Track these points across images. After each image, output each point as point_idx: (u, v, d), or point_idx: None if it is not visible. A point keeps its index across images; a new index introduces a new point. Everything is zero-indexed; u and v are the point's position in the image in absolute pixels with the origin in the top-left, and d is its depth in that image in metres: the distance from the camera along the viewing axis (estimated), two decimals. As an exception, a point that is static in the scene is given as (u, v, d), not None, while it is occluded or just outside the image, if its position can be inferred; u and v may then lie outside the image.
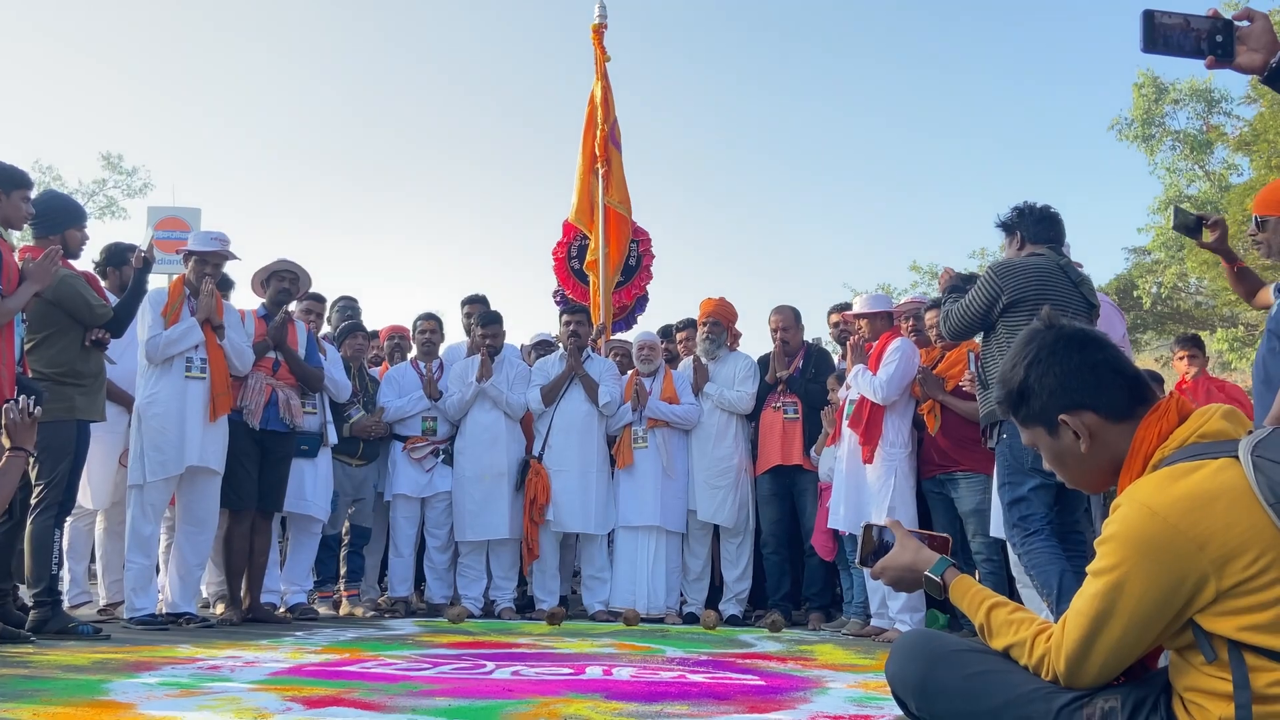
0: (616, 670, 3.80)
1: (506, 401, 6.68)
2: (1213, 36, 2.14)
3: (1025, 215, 4.38)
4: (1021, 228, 4.37)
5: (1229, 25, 2.14)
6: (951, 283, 4.79)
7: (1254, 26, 2.14)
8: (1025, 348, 1.90)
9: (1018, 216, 4.39)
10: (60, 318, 4.92)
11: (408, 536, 6.71)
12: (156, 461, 5.22)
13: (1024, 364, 1.88)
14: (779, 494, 6.61)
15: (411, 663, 3.91)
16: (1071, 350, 1.85)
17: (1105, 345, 1.88)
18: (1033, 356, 1.88)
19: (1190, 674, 1.68)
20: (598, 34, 8.66)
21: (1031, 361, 1.87)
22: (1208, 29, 2.14)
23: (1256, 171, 16.85)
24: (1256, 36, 2.13)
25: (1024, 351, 1.90)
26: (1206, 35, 2.14)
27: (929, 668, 1.93)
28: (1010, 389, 1.91)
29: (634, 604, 6.52)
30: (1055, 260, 4.27)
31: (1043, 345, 1.88)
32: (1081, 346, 1.86)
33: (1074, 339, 1.87)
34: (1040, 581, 3.82)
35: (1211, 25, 2.14)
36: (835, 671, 3.99)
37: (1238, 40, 2.14)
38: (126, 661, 3.74)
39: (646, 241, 8.73)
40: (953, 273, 4.90)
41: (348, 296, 7.49)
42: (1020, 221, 4.37)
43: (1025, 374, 1.87)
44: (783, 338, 6.72)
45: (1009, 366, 1.92)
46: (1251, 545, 1.60)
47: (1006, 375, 1.92)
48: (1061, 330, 1.89)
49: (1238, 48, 2.14)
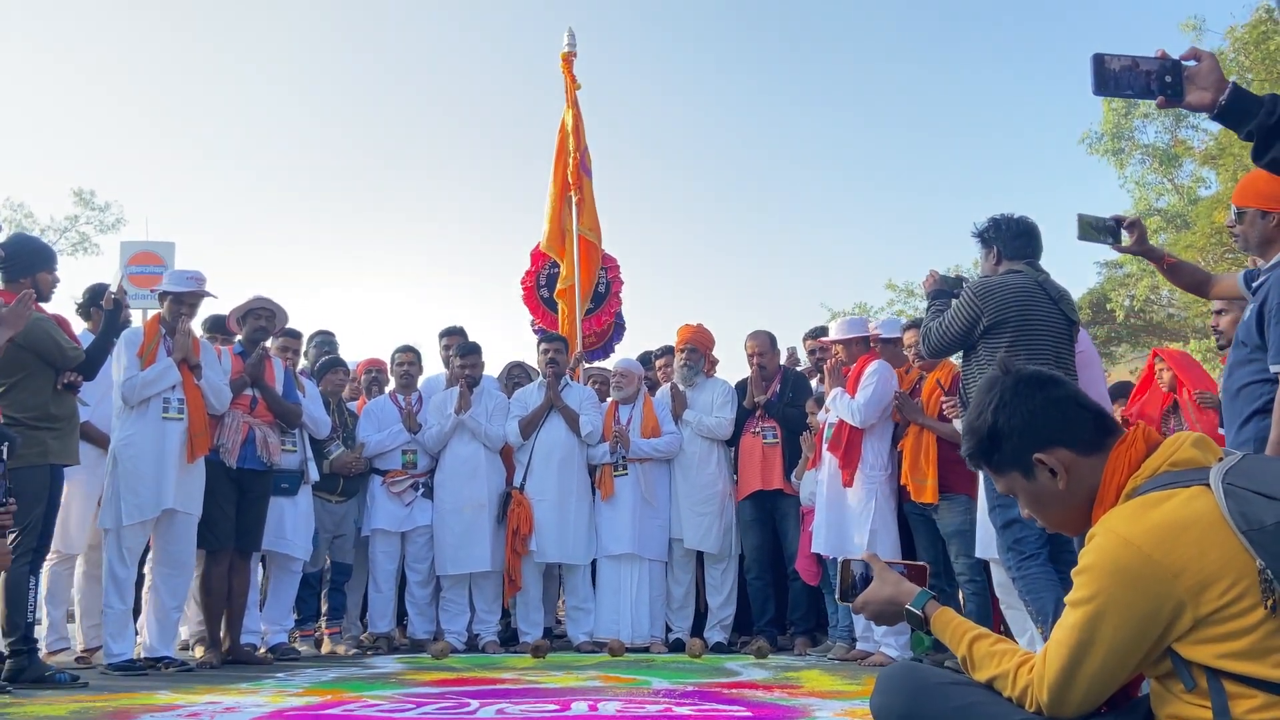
0: (602, 705, 3.78)
1: (485, 433, 6.66)
2: (1162, 77, 2.19)
3: (1002, 228, 4.32)
4: (998, 242, 4.32)
5: (1177, 66, 2.19)
6: (937, 286, 4.69)
7: (1201, 66, 2.19)
8: (988, 394, 1.91)
9: (994, 230, 4.34)
10: (31, 361, 4.86)
11: (387, 572, 6.66)
12: (133, 505, 5.15)
13: (990, 410, 1.89)
14: (760, 519, 6.61)
15: (395, 703, 3.87)
16: (1034, 390, 1.87)
17: (1064, 382, 1.90)
18: (997, 401, 1.89)
19: (1171, 702, 1.69)
20: (567, 62, 8.71)
21: (997, 406, 1.88)
22: (1157, 69, 2.19)
23: (1224, 184, 17.10)
24: (1204, 75, 2.18)
25: (987, 399, 1.91)
26: (1156, 76, 2.19)
27: (913, 701, 1.92)
28: (980, 436, 1.91)
29: (619, 634, 6.49)
30: (1034, 277, 4.22)
31: (1005, 389, 1.89)
32: (1042, 385, 1.88)
33: (1034, 380, 1.89)
34: (1035, 608, 3.78)
35: (1160, 66, 2.19)
36: (822, 699, 3.98)
37: (1186, 80, 2.19)
38: (105, 711, 3.68)
39: (615, 268, 8.72)
40: (938, 275, 4.77)
41: (324, 331, 7.46)
42: (997, 235, 4.32)
43: (993, 418, 1.88)
44: (759, 362, 6.74)
45: (974, 416, 1.92)
46: (1226, 573, 1.61)
47: (974, 424, 1.92)
48: (1020, 373, 1.91)
49: (1187, 87, 2.19)
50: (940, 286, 4.67)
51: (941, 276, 4.77)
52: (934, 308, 4.54)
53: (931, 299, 4.64)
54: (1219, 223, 15.19)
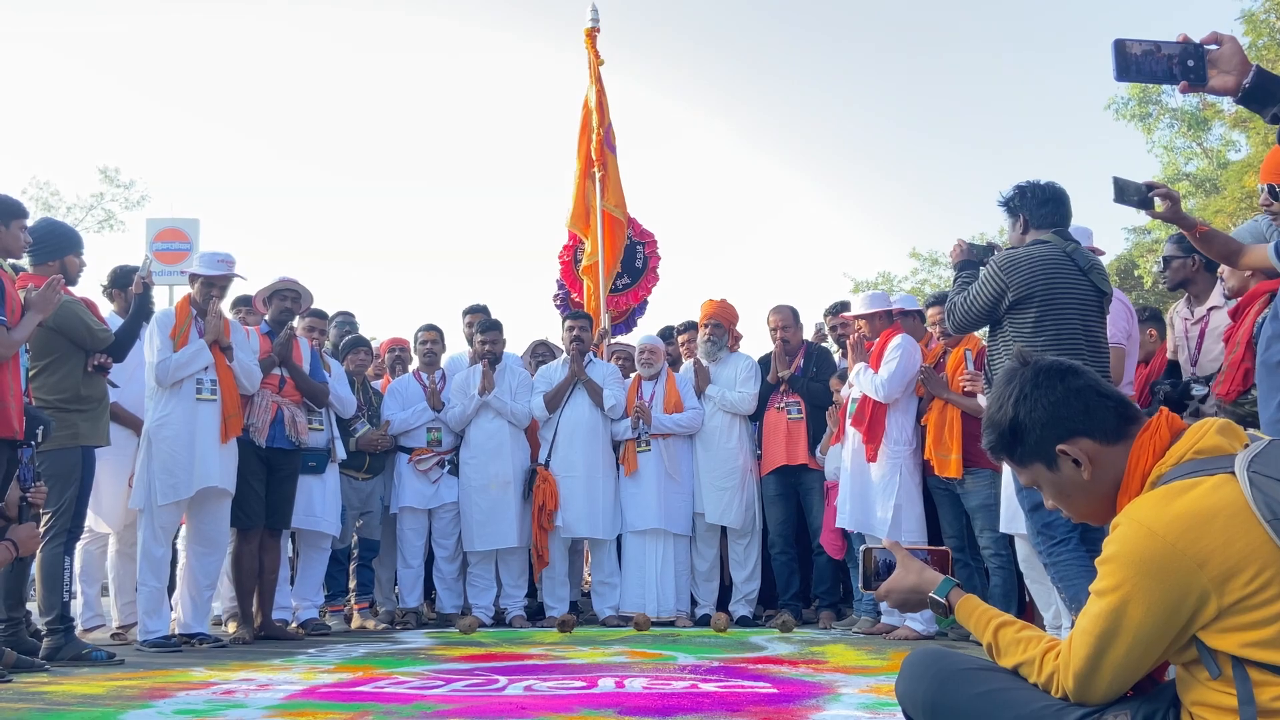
0: (629, 681, 3.82)
1: (510, 411, 6.70)
2: (1184, 61, 2.18)
3: (1028, 196, 4.11)
4: (1025, 210, 4.11)
5: (1199, 50, 2.18)
6: (964, 257, 4.44)
7: (1223, 50, 2.17)
8: (1007, 387, 1.90)
9: (1020, 197, 4.13)
10: (62, 344, 4.93)
11: (415, 548, 6.74)
12: (168, 485, 5.23)
13: (1010, 402, 1.88)
14: (784, 494, 6.63)
15: (424, 680, 3.93)
16: (1054, 380, 1.86)
17: (1084, 371, 1.88)
18: (1018, 394, 1.87)
19: (1196, 689, 1.70)
20: (591, 37, 8.66)
21: (1018, 399, 1.87)
22: (1179, 54, 2.18)
23: (1254, 148, 16.84)
24: (1227, 59, 2.17)
25: (1007, 391, 1.90)
26: (1178, 60, 2.18)
27: (939, 686, 1.93)
28: (1001, 430, 1.90)
29: (644, 608, 6.54)
30: (1061, 247, 4.02)
31: (1025, 381, 1.88)
32: (1062, 376, 1.86)
33: (1053, 370, 1.88)
34: (1068, 595, 3.71)
35: (1183, 50, 2.18)
36: (847, 675, 4.00)
37: (1209, 64, 2.18)
38: (142, 689, 3.76)
39: (653, 244, 8.72)
40: (964, 245, 4.51)
41: (345, 311, 7.50)
42: (1023, 203, 4.12)
43: (1014, 411, 1.87)
44: (782, 336, 6.73)
45: (995, 409, 1.91)
46: (1251, 562, 1.61)
47: (994, 418, 1.91)
48: (1039, 364, 1.90)
49: (1209, 71, 2.18)
50: (968, 257, 4.43)
51: (969, 246, 4.51)
52: (960, 280, 4.34)
53: (959, 270, 4.42)
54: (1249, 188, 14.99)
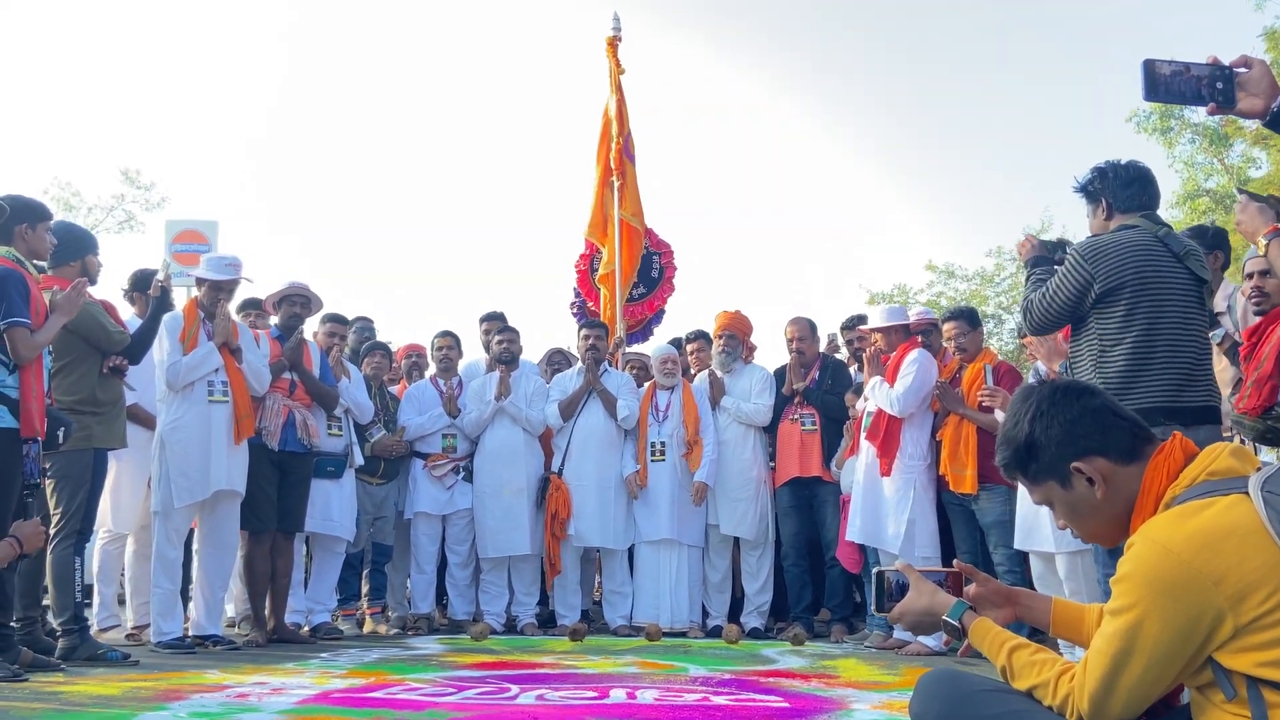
0: (640, 693, 3.81)
1: (525, 418, 6.72)
2: (1214, 83, 2.19)
3: (1109, 177, 3.73)
4: (1107, 193, 3.72)
5: (1229, 72, 2.19)
6: (1036, 252, 4.02)
7: (1253, 72, 2.18)
8: (1023, 404, 1.93)
9: (1100, 179, 3.74)
10: (78, 346, 4.96)
11: (429, 554, 6.77)
12: (183, 487, 5.27)
13: (1026, 419, 1.90)
14: (798, 506, 6.61)
15: (436, 687, 3.94)
16: (1070, 399, 1.88)
17: (1099, 392, 1.91)
18: (1034, 411, 1.90)
19: (1211, 711, 1.69)
20: (612, 46, 8.70)
21: (1034, 415, 1.89)
22: (1208, 76, 2.19)
23: (1275, 165, 16.74)
24: (1256, 82, 2.18)
25: (1023, 408, 1.92)
26: (1207, 82, 2.19)
27: (952, 708, 1.93)
28: (1016, 446, 1.92)
29: (656, 618, 6.54)
30: (1152, 231, 3.63)
31: (1041, 399, 1.90)
32: (1079, 395, 1.89)
33: (1070, 389, 1.91)
34: None
35: (1212, 72, 2.19)
36: (859, 690, 3.99)
37: (1238, 86, 2.19)
38: (156, 690, 3.77)
39: (669, 254, 8.75)
40: (1035, 240, 4.11)
41: (363, 317, 7.55)
42: (1104, 185, 3.73)
43: (1030, 428, 1.89)
44: (798, 348, 6.72)
45: (1010, 426, 1.94)
46: (1266, 581, 1.61)
47: (1010, 435, 1.93)
48: (1056, 383, 1.93)
49: (1238, 94, 2.18)
50: (1039, 253, 4.02)
51: (1040, 241, 4.12)
52: (1034, 277, 3.91)
53: (1030, 268, 3.99)
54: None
